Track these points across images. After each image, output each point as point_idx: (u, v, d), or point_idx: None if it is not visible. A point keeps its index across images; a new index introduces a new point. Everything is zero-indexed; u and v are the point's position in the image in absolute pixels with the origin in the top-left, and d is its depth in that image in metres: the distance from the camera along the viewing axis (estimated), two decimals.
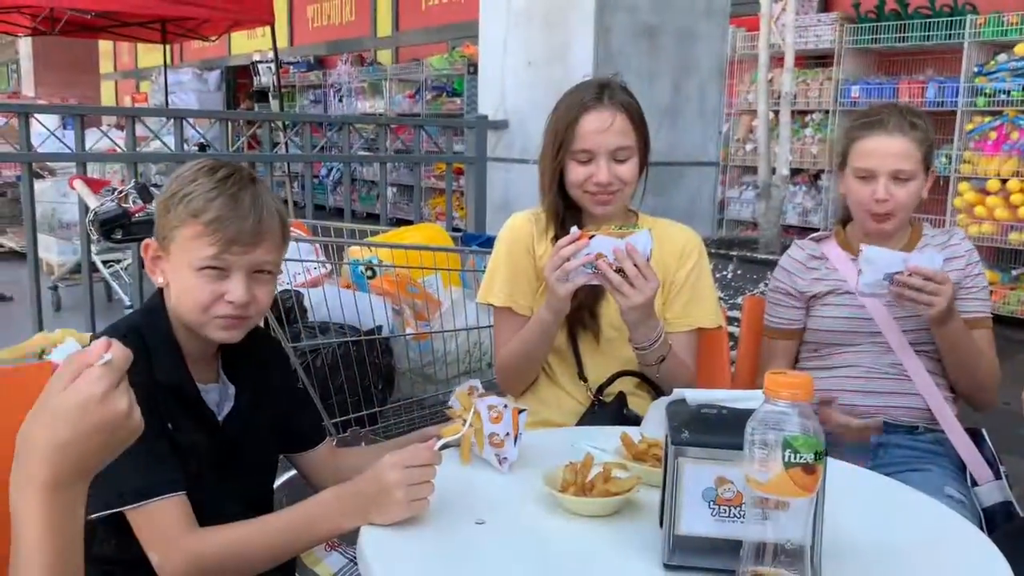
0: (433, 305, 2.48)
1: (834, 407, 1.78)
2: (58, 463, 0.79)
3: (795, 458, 0.89)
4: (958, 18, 5.75)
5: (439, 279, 2.55)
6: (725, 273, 2.89)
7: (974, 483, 1.72)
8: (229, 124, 7.59)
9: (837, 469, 1.46)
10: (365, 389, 2.35)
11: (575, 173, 1.67)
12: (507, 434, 1.33)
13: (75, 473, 0.81)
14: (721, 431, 1.03)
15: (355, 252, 2.59)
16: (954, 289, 1.75)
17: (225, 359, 1.39)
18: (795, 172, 6.93)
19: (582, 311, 1.71)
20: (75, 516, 0.82)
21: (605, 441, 1.41)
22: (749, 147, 7.03)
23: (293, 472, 1.61)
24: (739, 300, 2.29)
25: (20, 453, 0.80)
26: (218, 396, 1.37)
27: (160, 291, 1.34)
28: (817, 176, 6.83)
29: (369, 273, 2.48)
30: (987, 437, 1.78)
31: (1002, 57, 5.60)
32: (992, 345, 1.84)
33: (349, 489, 1.18)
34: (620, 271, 1.50)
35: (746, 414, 0.93)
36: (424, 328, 2.48)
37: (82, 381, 0.79)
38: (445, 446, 1.26)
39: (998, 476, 1.72)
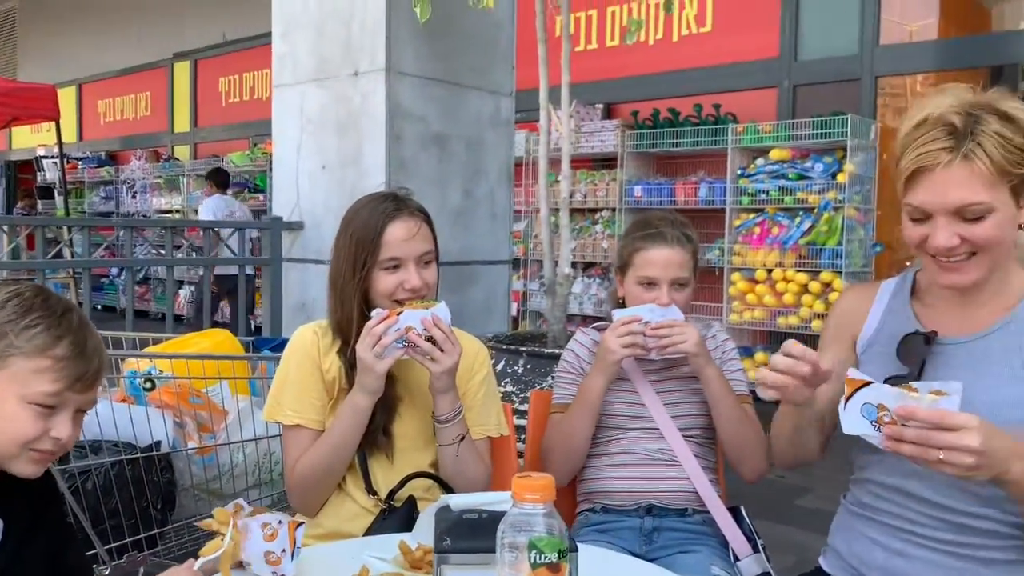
0: (218, 416, 2.40)
1: None
2: None
3: (540, 559, 0.94)
4: (722, 126, 6.42)
5: (226, 388, 2.47)
6: (516, 368, 2.99)
7: (736, 558, 1.86)
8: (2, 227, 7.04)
9: (611, 559, 1.55)
10: (143, 510, 2.21)
11: (385, 283, 1.69)
12: (283, 550, 1.31)
13: None
14: (481, 536, 1.06)
15: (132, 363, 2.46)
16: None
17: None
18: (589, 265, 7.34)
19: (377, 432, 1.72)
20: None
21: (386, 550, 1.41)
22: None
23: None
24: (528, 394, 2.38)
25: None
26: None
27: None
28: (608, 269, 7.27)
29: (148, 385, 2.36)
30: (745, 514, 1.93)
31: (760, 161, 6.26)
32: (756, 419, 2.00)
33: None
34: (430, 339, 1.60)
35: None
36: (209, 441, 2.38)
37: None
38: (204, 565, 1.22)
39: (756, 549, 1.86)
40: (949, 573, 1.37)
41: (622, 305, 2.06)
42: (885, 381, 1.29)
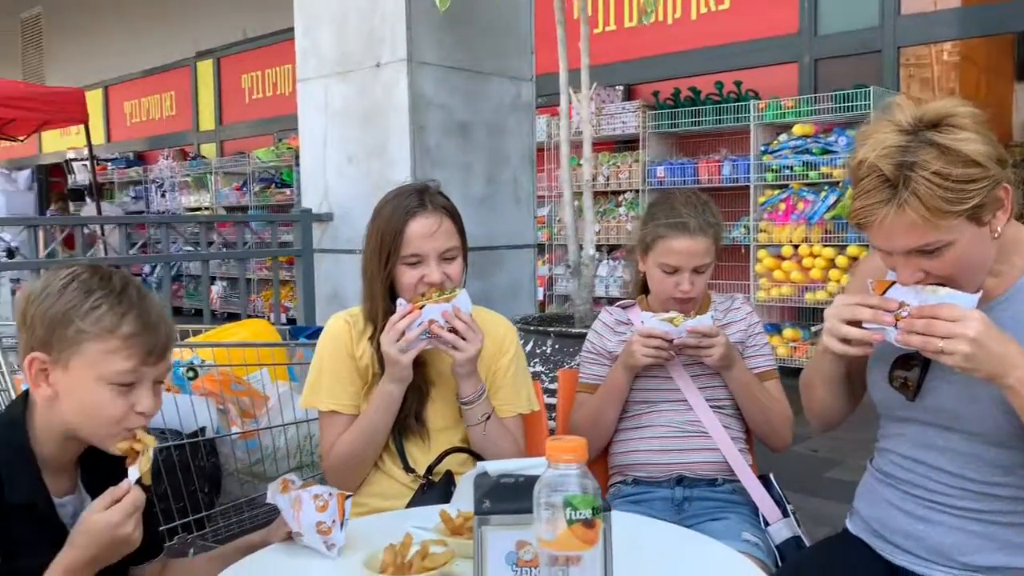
0: (260, 401, 2.48)
1: None
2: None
3: (575, 515, 0.99)
4: (744, 103, 6.39)
5: (265, 374, 2.55)
6: (545, 348, 3.05)
7: (767, 523, 1.90)
8: (39, 228, 7.20)
9: (645, 524, 1.60)
10: (191, 494, 2.29)
11: (408, 276, 1.75)
12: (334, 521, 1.38)
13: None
14: (518, 498, 1.12)
15: (175, 353, 2.54)
16: (739, 348, 2.00)
17: (84, 467, 1.37)
18: (613, 248, 7.36)
19: (409, 418, 1.80)
20: None
21: (428, 520, 1.47)
22: None
23: None
24: (557, 373, 2.43)
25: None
26: (73, 508, 1.34)
27: (22, 401, 1.32)
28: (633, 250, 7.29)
29: (191, 374, 2.45)
30: (775, 482, 1.97)
31: (783, 137, 6.23)
32: (782, 393, 2.04)
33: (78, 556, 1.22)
34: (452, 330, 1.68)
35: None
36: (252, 426, 2.47)
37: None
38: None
39: (786, 515, 1.90)
40: (971, 537, 1.39)
41: (643, 283, 2.11)
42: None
